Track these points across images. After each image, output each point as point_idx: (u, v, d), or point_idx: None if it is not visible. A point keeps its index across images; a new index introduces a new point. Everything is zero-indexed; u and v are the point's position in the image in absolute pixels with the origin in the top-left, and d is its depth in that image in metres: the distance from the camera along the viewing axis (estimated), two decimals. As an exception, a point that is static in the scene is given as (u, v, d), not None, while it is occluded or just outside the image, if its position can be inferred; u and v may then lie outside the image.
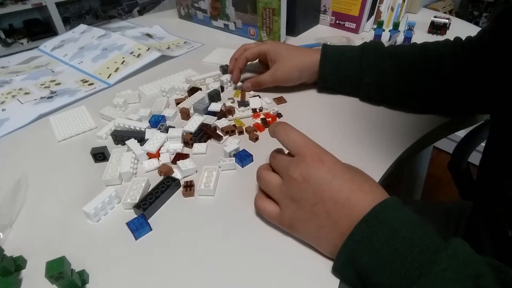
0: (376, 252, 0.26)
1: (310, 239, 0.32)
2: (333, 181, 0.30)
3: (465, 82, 0.47)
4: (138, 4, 2.62)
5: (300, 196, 0.31)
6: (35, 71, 0.70)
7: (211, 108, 0.52)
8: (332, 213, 0.29)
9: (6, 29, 2.33)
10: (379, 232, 0.27)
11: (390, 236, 0.26)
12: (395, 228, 0.26)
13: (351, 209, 0.29)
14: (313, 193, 0.30)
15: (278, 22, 0.74)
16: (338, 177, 0.30)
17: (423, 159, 0.99)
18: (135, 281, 0.31)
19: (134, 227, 0.35)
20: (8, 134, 0.53)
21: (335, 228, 0.29)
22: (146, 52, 0.71)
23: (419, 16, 0.92)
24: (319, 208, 0.30)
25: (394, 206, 0.28)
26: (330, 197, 0.29)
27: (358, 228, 0.28)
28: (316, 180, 0.30)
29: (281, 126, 0.34)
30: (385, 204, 0.28)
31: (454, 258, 0.24)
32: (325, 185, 0.30)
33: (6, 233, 0.36)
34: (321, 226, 0.30)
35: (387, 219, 0.27)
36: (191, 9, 0.91)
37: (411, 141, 0.47)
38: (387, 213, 0.27)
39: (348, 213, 0.29)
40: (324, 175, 0.30)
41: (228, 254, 0.33)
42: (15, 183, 0.42)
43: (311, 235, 0.32)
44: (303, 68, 0.54)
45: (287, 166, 0.32)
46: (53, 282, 0.29)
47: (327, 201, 0.29)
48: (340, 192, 0.29)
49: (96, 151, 0.45)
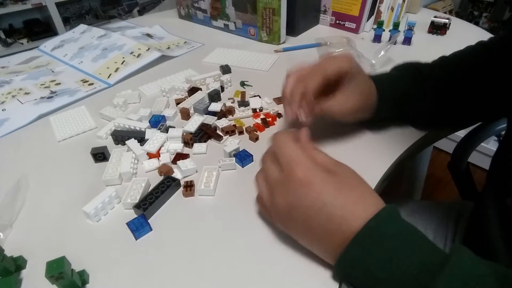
0: (371, 276, 0.26)
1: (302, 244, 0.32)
2: (322, 209, 0.28)
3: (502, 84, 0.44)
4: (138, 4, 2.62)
5: (288, 219, 0.30)
6: (35, 71, 0.70)
7: (211, 108, 0.52)
8: (329, 223, 0.28)
9: (6, 29, 2.33)
10: (373, 254, 0.26)
11: (386, 259, 0.25)
12: (391, 248, 0.25)
13: (343, 225, 0.27)
14: (302, 221, 0.29)
15: (278, 22, 0.74)
16: (327, 203, 0.28)
17: (423, 159, 0.99)
18: (135, 281, 0.31)
19: (134, 227, 0.35)
20: (8, 134, 0.53)
21: (329, 242, 0.28)
22: (146, 52, 0.71)
23: (419, 16, 0.92)
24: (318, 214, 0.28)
25: (389, 219, 0.27)
26: (319, 225, 0.28)
27: (351, 248, 0.26)
28: (303, 210, 0.29)
29: (279, 136, 0.32)
30: (378, 219, 0.27)
31: (452, 280, 0.23)
32: (313, 215, 0.28)
33: (6, 233, 0.36)
34: (314, 240, 0.30)
35: (382, 237, 0.26)
36: (191, 9, 0.91)
37: (411, 141, 0.47)
38: (381, 230, 0.26)
39: (340, 229, 0.28)
40: (312, 204, 0.28)
41: (228, 254, 0.33)
42: (15, 183, 0.42)
43: (302, 242, 0.31)
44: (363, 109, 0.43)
45: (273, 185, 0.31)
46: (53, 282, 0.29)
47: (316, 228, 0.29)
48: (330, 221, 0.28)
49: (96, 151, 0.45)
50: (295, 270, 0.31)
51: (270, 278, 0.31)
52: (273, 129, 0.50)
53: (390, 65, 0.66)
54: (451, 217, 0.56)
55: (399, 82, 0.46)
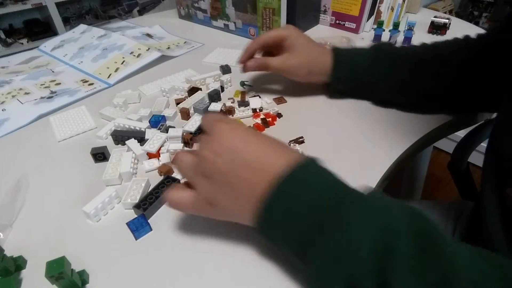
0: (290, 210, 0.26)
1: (231, 213, 0.31)
2: (244, 146, 0.29)
3: (478, 79, 0.47)
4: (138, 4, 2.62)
5: (211, 169, 0.29)
6: (35, 71, 0.70)
7: (211, 108, 0.52)
8: (245, 177, 0.28)
9: (6, 29, 2.33)
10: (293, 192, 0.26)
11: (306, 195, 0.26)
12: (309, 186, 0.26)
13: (264, 171, 0.27)
14: (224, 163, 0.29)
15: (278, 22, 0.74)
16: (249, 141, 0.29)
17: (423, 159, 0.99)
18: (135, 281, 0.31)
19: (134, 227, 0.35)
20: (8, 134, 0.53)
21: (251, 194, 0.28)
22: (146, 52, 0.71)
23: (419, 16, 0.92)
24: (232, 176, 0.28)
25: (311, 164, 0.28)
26: (242, 162, 0.28)
27: (275, 192, 0.27)
28: (226, 149, 0.29)
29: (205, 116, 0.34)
30: (301, 163, 0.27)
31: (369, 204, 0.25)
32: (236, 152, 0.29)
33: (6, 233, 0.36)
34: (237, 195, 0.29)
35: (302, 177, 0.27)
36: (191, 9, 0.91)
37: (411, 141, 0.47)
38: (302, 172, 0.27)
39: (262, 175, 0.27)
40: (235, 143, 0.29)
41: (228, 254, 0.33)
42: (15, 183, 0.42)
43: (230, 208, 0.30)
44: (313, 67, 0.52)
45: (201, 146, 0.31)
46: (53, 282, 0.29)
47: (239, 167, 0.28)
48: (253, 155, 0.28)
49: (96, 151, 0.45)
50: (296, 269, 0.31)
51: (270, 278, 0.31)
52: (273, 129, 0.50)
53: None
54: (450, 217, 0.56)
55: (358, 50, 0.51)
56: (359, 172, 0.42)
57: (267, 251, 0.33)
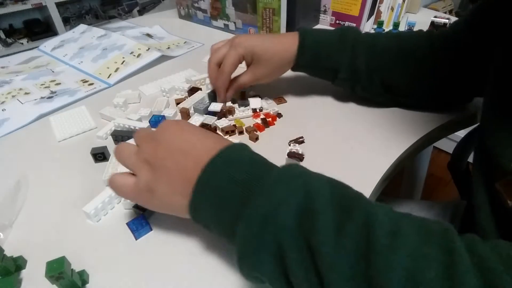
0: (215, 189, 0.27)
1: (168, 202, 0.31)
2: (182, 135, 0.31)
3: (442, 73, 0.48)
4: (138, 4, 2.62)
5: (150, 154, 0.31)
6: (35, 71, 0.70)
7: (211, 108, 0.52)
8: (180, 161, 0.29)
9: (6, 29, 2.33)
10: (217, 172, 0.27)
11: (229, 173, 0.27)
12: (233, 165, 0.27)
13: (197, 156, 0.29)
14: (162, 149, 0.30)
15: (278, 22, 0.74)
16: (187, 131, 0.31)
17: (423, 159, 0.99)
18: (135, 281, 0.31)
19: (134, 227, 0.35)
20: (8, 134, 0.53)
21: (184, 175, 0.29)
22: (146, 52, 0.71)
23: (419, 16, 0.92)
24: (168, 161, 0.30)
25: (237, 147, 0.29)
26: (178, 148, 0.30)
27: (204, 172, 0.28)
28: (165, 138, 0.31)
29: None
30: (227, 147, 0.29)
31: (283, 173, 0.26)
32: (174, 139, 0.31)
33: (6, 233, 0.36)
34: (173, 181, 0.30)
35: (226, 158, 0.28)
36: (191, 9, 0.91)
37: (411, 141, 0.47)
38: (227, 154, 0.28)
39: (195, 160, 0.29)
40: (173, 132, 0.31)
41: (228, 254, 0.33)
42: (15, 183, 0.42)
43: (167, 196, 0.30)
44: (283, 63, 0.52)
45: (141, 137, 0.33)
46: (53, 282, 0.29)
47: (175, 152, 0.30)
48: (188, 142, 0.30)
49: (96, 151, 0.45)
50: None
51: (270, 278, 0.31)
52: (273, 129, 0.50)
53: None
54: (446, 216, 0.57)
55: (323, 37, 0.51)
56: (359, 172, 0.42)
57: (267, 251, 0.33)
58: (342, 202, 0.24)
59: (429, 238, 0.22)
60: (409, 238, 0.22)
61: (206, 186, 0.28)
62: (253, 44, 0.50)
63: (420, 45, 0.49)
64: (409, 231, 0.22)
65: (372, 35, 0.52)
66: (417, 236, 0.22)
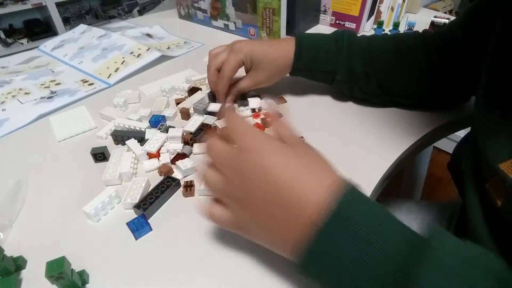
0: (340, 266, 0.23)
1: (264, 243, 0.29)
2: (271, 175, 0.25)
3: (438, 73, 0.48)
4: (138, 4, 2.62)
5: (239, 195, 0.27)
6: (35, 71, 0.70)
7: (210, 109, 0.52)
8: (278, 214, 0.26)
9: (6, 29, 2.33)
10: (337, 240, 0.23)
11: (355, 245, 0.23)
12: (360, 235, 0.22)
13: (296, 207, 0.25)
14: (251, 190, 0.26)
15: (278, 22, 0.74)
16: (277, 168, 0.26)
17: (423, 159, 0.99)
18: (135, 281, 0.31)
19: (134, 227, 0.35)
20: (8, 134, 0.53)
21: (286, 232, 0.25)
22: (146, 52, 0.71)
23: (419, 16, 0.92)
24: (263, 208, 0.26)
25: (353, 199, 0.24)
26: (268, 193, 0.25)
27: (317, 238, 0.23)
28: (252, 175, 0.26)
29: (227, 112, 0.30)
30: (341, 201, 0.24)
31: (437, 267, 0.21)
32: (262, 181, 0.26)
33: (6, 233, 0.36)
34: (270, 229, 0.27)
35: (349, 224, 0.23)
36: (191, 9, 0.91)
37: (411, 141, 0.47)
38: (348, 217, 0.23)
39: (294, 212, 0.25)
40: (260, 168, 0.26)
41: (228, 254, 0.33)
42: (15, 183, 0.42)
43: (265, 239, 0.28)
44: (282, 68, 0.53)
45: (221, 160, 0.28)
46: (53, 282, 0.29)
47: (267, 198, 0.26)
48: (280, 189, 0.25)
49: (96, 151, 0.45)
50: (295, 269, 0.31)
51: (270, 277, 0.31)
52: (273, 129, 0.50)
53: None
54: (445, 216, 0.57)
55: (320, 41, 0.52)
56: (359, 172, 0.42)
57: (268, 252, 0.33)
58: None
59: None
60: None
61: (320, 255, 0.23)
62: (252, 50, 0.51)
63: (415, 45, 0.49)
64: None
65: (368, 38, 0.52)
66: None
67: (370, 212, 0.24)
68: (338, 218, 0.23)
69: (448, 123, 0.51)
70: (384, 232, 0.23)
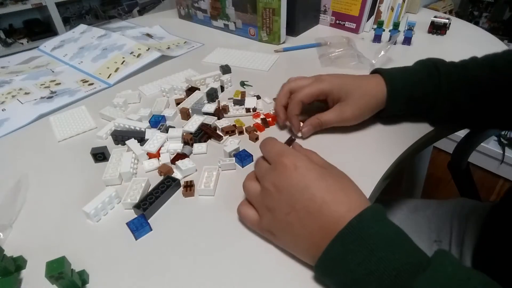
0: (350, 272, 0.26)
1: (289, 248, 0.32)
2: (304, 190, 0.29)
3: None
4: (138, 4, 2.62)
5: (273, 205, 0.31)
6: (35, 71, 0.70)
7: (205, 110, 0.52)
8: (306, 223, 0.29)
9: (6, 29, 2.33)
10: (354, 251, 0.26)
11: (365, 257, 0.25)
12: (371, 247, 0.25)
13: (324, 220, 0.28)
14: (285, 202, 0.30)
15: (278, 22, 0.74)
16: (310, 186, 0.29)
17: (423, 159, 0.99)
18: (135, 281, 0.31)
19: (134, 227, 0.35)
20: (8, 134, 0.53)
21: (310, 239, 0.29)
22: (146, 52, 0.71)
23: (419, 16, 0.92)
24: (292, 218, 0.29)
25: (372, 219, 0.27)
26: (303, 207, 0.29)
27: (333, 245, 0.27)
28: (288, 189, 0.30)
29: (265, 139, 0.35)
30: (361, 218, 0.27)
31: (432, 282, 0.23)
32: (296, 194, 0.29)
33: (6, 233, 0.36)
34: (296, 236, 0.30)
35: (363, 236, 0.26)
36: (191, 9, 0.91)
37: (411, 141, 0.47)
38: (364, 229, 0.26)
39: (321, 224, 0.28)
40: (296, 183, 0.30)
41: (228, 254, 0.33)
42: (15, 183, 0.42)
43: (289, 244, 0.32)
44: (373, 104, 0.46)
45: (263, 174, 0.32)
46: (53, 282, 0.29)
47: (299, 211, 0.29)
48: (313, 202, 0.29)
49: (96, 151, 0.45)
50: (296, 269, 0.31)
51: (270, 278, 0.31)
52: (273, 129, 0.50)
53: (390, 65, 0.66)
54: (455, 214, 0.56)
55: (412, 77, 0.46)
56: (359, 172, 0.42)
57: (268, 252, 0.33)
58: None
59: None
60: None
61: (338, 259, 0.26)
62: (342, 82, 0.46)
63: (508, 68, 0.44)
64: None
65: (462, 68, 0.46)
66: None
67: (384, 231, 0.27)
68: (353, 229, 0.26)
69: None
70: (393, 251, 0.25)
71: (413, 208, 0.59)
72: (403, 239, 0.27)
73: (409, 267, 0.24)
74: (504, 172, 1.44)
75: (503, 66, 0.45)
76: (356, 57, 0.67)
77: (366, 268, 0.25)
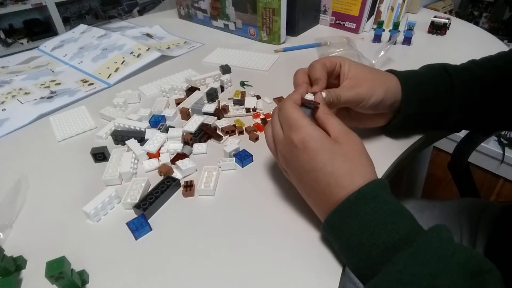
0: (346, 241, 0.29)
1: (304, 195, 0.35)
2: (311, 172, 0.31)
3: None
4: (138, 4, 2.62)
5: (293, 159, 0.32)
6: (35, 71, 0.70)
7: (205, 110, 0.52)
8: (312, 195, 0.33)
9: (6, 29, 2.33)
10: (350, 224, 0.29)
11: (359, 229, 0.28)
12: (364, 222, 0.28)
13: (327, 199, 0.31)
14: (294, 174, 0.33)
15: (278, 22, 0.74)
16: (316, 169, 0.31)
17: (423, 159, 0.99)
18: (135, 281, 0.31)
19: (134, 227, 0.35)
20: (8, 134, 0.53)
21: (320, 199, 0.32)
22: (146, 52, 0.71)
23: (419, 16, 0.92)
24: (301, 185, 0.33)
25: (370, 195, 0.29)
26: (308, 184, 0.32)
27: (332, 216, 0.30)
28: (296, 167, 0.32)
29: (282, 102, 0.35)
30: (359, 194, 0.29)
31: (413, 258, 0.25)
32: (303, 173, 0.32)
33: (6, 233, 0.36)
34: (309, 191, 0.33)
35: (358, 211, 0.29)
36: (191, 9, 0.91)
37: (411, 141, 0.47)
38: (359, 205, 0.29)
39: (327, 192, 0.31)
40: (302, 164, 0.31)
41: (228, 254, 0.33)
42: (15, 183, 0.42)
43: (304, 194, 0.34)
44: (389, 90, 0.40)
45: (278, 141, 0.34)
46: (53, 282, 0.29)
47: (306, 185, 0.33)
48: (317, 184, 0.31)
49: (96, 151, 0.45)
50: (296, 269, 0.31)
51: (270, 277, 0.31)
52: (273, 129, 0.50)
53: (390, 65, 0.66)
54: (464, 214, 0.56)
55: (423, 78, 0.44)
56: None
57: (267, 251, 0.33)
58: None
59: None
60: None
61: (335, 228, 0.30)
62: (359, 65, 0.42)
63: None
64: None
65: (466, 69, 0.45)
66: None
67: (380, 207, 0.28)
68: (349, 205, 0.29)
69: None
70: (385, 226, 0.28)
71: (420, 208, 0.59)
72: (398, 215, 0.28)
73: (397, 241, 0.26)
74: (504, 172, 1.44)
75: (505, 66, 0.45)
76: (356, 57, 0.67)
77: (358, 239, 0.28)
